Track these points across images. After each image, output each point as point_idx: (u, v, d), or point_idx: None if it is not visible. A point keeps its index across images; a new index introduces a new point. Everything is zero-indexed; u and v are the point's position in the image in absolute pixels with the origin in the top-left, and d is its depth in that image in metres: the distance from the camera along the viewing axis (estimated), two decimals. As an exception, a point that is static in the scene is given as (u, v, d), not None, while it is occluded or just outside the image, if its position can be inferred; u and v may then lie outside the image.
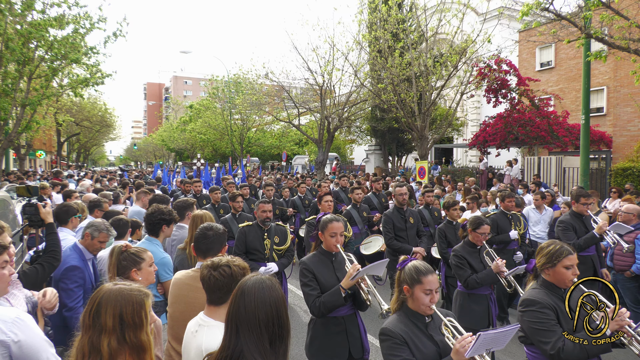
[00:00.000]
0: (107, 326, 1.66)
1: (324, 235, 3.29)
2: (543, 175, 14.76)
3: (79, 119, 37.09)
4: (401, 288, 2.50)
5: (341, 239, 3.26)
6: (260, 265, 4.70)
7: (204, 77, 60.69)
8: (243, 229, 4.95)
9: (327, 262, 3.31)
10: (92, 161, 79.22)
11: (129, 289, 1.76)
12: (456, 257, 4.28)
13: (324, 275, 3.23)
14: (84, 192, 9.90)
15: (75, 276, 3.36)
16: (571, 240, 5.15)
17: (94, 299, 1.72)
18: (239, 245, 4.84)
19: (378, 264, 3.17)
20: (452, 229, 5.87)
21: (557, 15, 8.23)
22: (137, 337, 1.69)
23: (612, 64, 16.81)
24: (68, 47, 14.56)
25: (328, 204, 5.78)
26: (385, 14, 16.30)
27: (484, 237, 4.27)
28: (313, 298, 3.14)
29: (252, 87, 25.38)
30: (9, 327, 1.97)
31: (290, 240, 5.15)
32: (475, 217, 4.40)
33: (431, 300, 2.39)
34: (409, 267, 2.50)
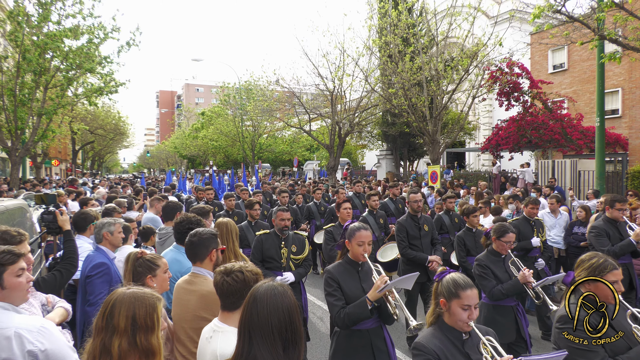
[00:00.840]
0: (120, 327, 1.69)
1: (350, 243, 3.15)
2: (558, 179, 14.56)
3: (93, 127, 37.67)
4: (438, 301, 2.38)
5: (369, 248, 3.13)
6: (277, 275, 4.62)
7: (215, 85, 61.25)
8: (260, 237, 4.86)
9: (352, 272, 3.18)
10: (106, 169, 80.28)
11: (142, 292, 1.80)
12: (480, 266, 4.07)
13: (349, 285, 3.11)
14: (99, 199, 10.04)
15: (102, 272, 3.40)
16: (605, 246, 4.99)
17: (108, 301, 1.75)
18: (255, 253, 4.76)
19: (408, 277, 3.02)
20: (471, 237, 5.71)
21: (569, 17, 8.17)
22: (148, 341, 1.72)
23: (626, 65, 16.58)
24: (83, 57, 14.86)
25: (347, 212, 5.55)
26: (395, 19, 16.32)
27: (509, 245, 4.08)
28: (337, 309, 3.01)
29: (263, 93, 25.57)
30: (35, 337, 2.00)
31: (309, 250, 5.03)
32: (499, 225, 4.20)
33: (469, 317, 2.26)
34: (447, 280, 2.38)
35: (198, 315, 2.60)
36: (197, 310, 2.64)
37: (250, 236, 6.03)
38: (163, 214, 5.11)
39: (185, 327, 2.66)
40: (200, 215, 4.72)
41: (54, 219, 3.70)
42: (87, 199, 7.06)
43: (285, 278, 4.58)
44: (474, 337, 2.32)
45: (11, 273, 2.19)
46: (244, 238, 5.93)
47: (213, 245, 2.93)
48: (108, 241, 3.69)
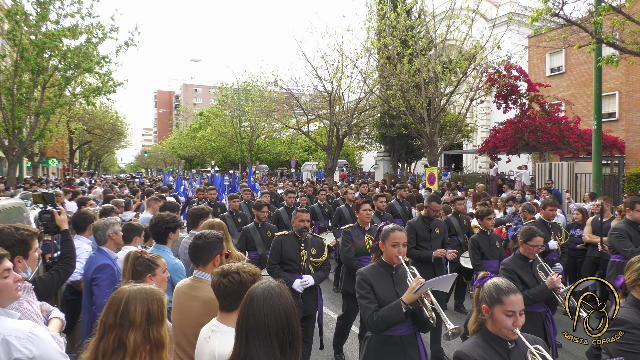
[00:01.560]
0: (136, 322, 1.72)
1: (384, 245, 3.05)
2: (555, 182, 14.61)
3: (90, 127, 37.63)
4: (480, 307, 2.26)
5: (404, 250, 3.03)
6: (296, 277, 4.48)
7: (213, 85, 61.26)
8: (279, 238, 4.71)
9: (386, 276, 3.06)
10: (103, 168, 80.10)
11: (150, 288, 1.85)
12: (506, 271, 3.90)
13: (382, 289, 2.99)
14: (96, 199, 10.01)
15: (106, 273, 3.40)
16: (628, 248, 4.91)
17: (119, 299, 1.77)
18: (274, 254, 4.61)
19: (445, 278, 2.88)
20: (486, 240, 5.59)
21: (567, 20, 8.21)
22: (159, 333, 1.77)
23: (623, 68, 16.66)
24: (81, 56, 14.84)
25: (367, 213, 5.24)
26: (394, 21, 16.36)
27: (537, 249, 3.92)
28: (370, 312, 2.88)
29: (261, 94, 25.58)
30: (23, 344, 1.94)
31: (327, 253, 4.86)
32: (527, 228, 4.06)
33: (514, 324, 2.14)
34: (489, 285, 2.26)
35: (201, 322, 2.49)
36: (200, 317, 2.57)
37: (256, 238, 5.86)
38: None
39: (187, 333, 2.61)
40: (199, 217, 4.70)
41: (51, 218, 3.69)
42: (86, 198, 7.05)
43: (305, 281, 4.46)
44: (521, 346, 2.19)
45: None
46: (250, 240, 5.84)
47: (218, 250, 2.86)
48: (113, 241, 3.69)
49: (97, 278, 3.37)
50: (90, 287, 3.44)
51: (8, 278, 2.14)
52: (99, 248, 3.66)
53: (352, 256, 4.95)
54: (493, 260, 5.51)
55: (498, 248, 5.58)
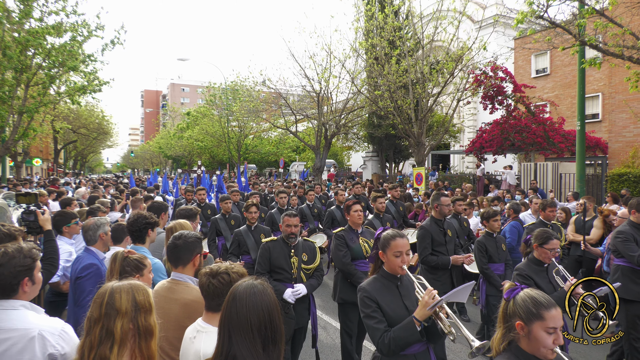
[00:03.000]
0: (122, 309, 1.73)
1: (385, 254, 2.76)
2: (540, 181, 14.82)
3: (76, 127, 37.10)
4: (511, 324, 2.01)
5: (407, 259, 2.74)
6: (287, 287, 4.18)
7: (201, 85, 60.85)
8: (267, 244, 4.36)
9: (391, 288, 2.76)
10: (88, 168, 79.07)
11: (135, 281, 1.87)
12: (521, 276, 3.69)
13: (389, 304, 2.69)
14: (80, 199, 9.88)
15: (92, 273, 3.35)
16: (635, 252, 4.74)
17: (102, 293, 1.78)
18: (262, 263, 4.27)
19: (462, 289, 2.60)
20: (492, 242, 5.34)
21: (551, 23, 8.32)
22: (148, 321, 1.77)
23: (606, 70, 16.96)
24: (66, 54, 14.63)
25: (358, 215, 4.91)
26: (381, 22, 16.43)
27: (553, 253, 3.72)
28: (380, 333, 2.57)
29: (249, 94, 25.48)
30: (56, 340, 1.98)
31: (320, 258, 4.56)
32: (542, 231, 3.87)
33: (555, 342, 1.93)
34: (524, 298, 2.00)
35: (182, 325, 2.45)
36: (180, 320, 2.54)
37: (249, 242, 5.57)
38: None
39: (168, 335, 2.57)
40: (187, 218, 4.63)
41: (35, 218, 3.64)
42: (69, 199, 6.95)
43: (297, 290, 4.17)
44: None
45: (38, 269, 2.17)
46: (242, 244, 5.59)
47: (198, 250, 2.83)
48: (103, 241, 3.65)
49: (81, 277, 3.33)
50: (75, 286, 3.40)
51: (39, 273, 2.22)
52: (87, 248, 3.61)
53: (349, 261, 4.68)
54: (500, 263, 5.31)
55: (504, 251, 5.40)
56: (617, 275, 4.97)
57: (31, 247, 2.23)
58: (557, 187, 14.73)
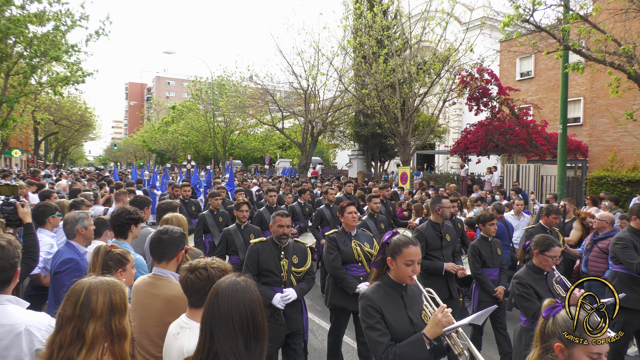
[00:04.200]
0: (97, 312, 1.67)
1: (395, 261, 2.54)
2: (522, 183, 15.06)
3: (57, 118, 36.41)
4: (549, 345, 1.81)
5: (418, 268, 2.54)
6: (277, 291, 3.98)
7: (187, 78, 60.20)
8: (255, 246, 4.13)
9: (395, 298, 2.57)
10: (70, 161, 77.65)
11: (111, 279, 1.80)
12: (521, 285, 3.50)
13: (393, 314, 2.50)
14: (60, 192, 9.70)
15: (70, 268, 3.30)
16: (635, 260, 4.62)
17: (79, 290, 1.72)
18: (250, 265, 4.05)
19: (482, 313, 2.41)
20: (487, 246, 5.14)
21: (536, 27, 8.45)
22: (122, 324, 1.72)
23: (588, 75, 17.29)
24: (48, 44, 14.31)
25: (352, 217, 4.72)
26: (370, 21, 16.47)
27: (554, 261, 3.55)
28: (384, 347, 2.37)
29: (236, 89, 25.32)
30: (43, 335, 1.94)
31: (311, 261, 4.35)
32: (542, 237, 3.69)
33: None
34: (565, 318, 1.79)
35: (164, 321, 2.40)
36: (162, 316, 2.51)
37: (238, 242, 5.39)
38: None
39: (149, 332, 2.54)
40: (168, 211, 4.61)
41: (14, 210, 3.57)
42: (49, 191, 6.83)
43: (287, 295, 3.96)
44: None
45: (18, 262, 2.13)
46: (231, 244, 5.42)
47: (182, 246, 2.82)
48: (82, 236, 3.58)
49: (60, 272, 3.28)
50: (54, 281, 3.35)
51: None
52: (68, 242, 3.56)
53: (339, 265, 4.52)
54: (494, 268, 5.13)
55: (500, 255, 5.21)
56: (615, 282, 4.86)
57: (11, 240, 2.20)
58: (538, 188, 14.99)
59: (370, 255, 4.65)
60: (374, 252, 4.68)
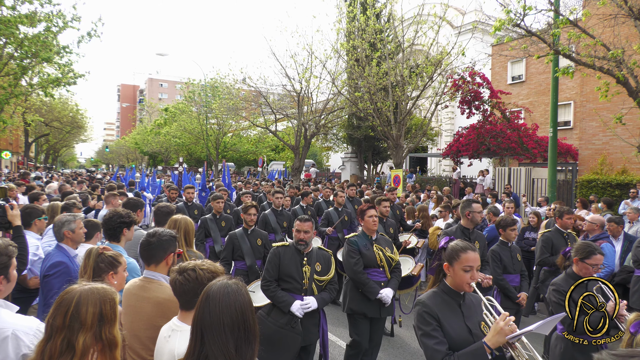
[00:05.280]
0: (87, 324, 1.66)
1: (452, 268, 2.47)
2: (513, 186, 15.17)
3: (48, 120, 36.09)
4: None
5: (477, 275, 2.45)
6: (297, 298, 3.81)
7: (180, 80, 59.98)
8: (277, 249, 3.99)
9: (453, 306, 2.46)
10: (61, 163, 76.96)
11: (102, 287, 1.78)
12: (558, 292, 3.35)
13: (450, 323, 2.39)
14: (51, 194, 9.62)
15: (59, 271, 3.27)
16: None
17: (69, 299, 1.71)
18: (271, 269, 3.89)
19: (549, 321, 2.29)
20: (507, 251, 4.98)
21: (527, 31, 8.53)
22: (112, 333, 1.72)
23: (578, 79, 17.48)
24: (39, 45, 14.19)
25: (373, 220, 4.53)
26: (363, 24, 16.54)
27: (596, 269, 3.44)
28: (442, 356, 2.27)
29: (229, 91, 25.26)
30: (31, 340, 1.92)
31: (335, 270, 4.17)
32: (584, 244, 3.55)
33: None
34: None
35: (155, 325, 2.40)
36: (153, 319, 2.50)
37: (245, 246, 5.19)
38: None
39: (140, 335, 2.54)
40: (167, 215, 4.49)
41: (3, 213, 3.53)
42: (38, 194, 6.76)
43: (307, 303, 3.78)
44: None
45: (14, 266, 2.10)
46: (237, 248, 5.20)
47: (171, 249, 2.80)
48: (69, 239, 3.55)
49: (49, 275, 3.25)
50: (43, 284, 3.32)
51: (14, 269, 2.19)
52: (58, 244, 3.54)
53: (361, 269, 4.36)
54: (515, 274, 4.97)
55: (520, 261, 5.08)
56: (637, 287, 4.73)
57: (7, 244, 2.18)
58: (529, 191, 15.11)
59: (392, 260, 4.52)
60: (395, 258, 4.59)
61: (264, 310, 3.91)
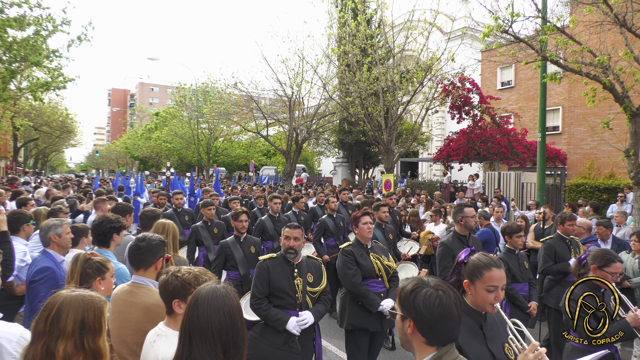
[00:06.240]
0: (67, 331, 1.63)
1: (474, 285, 2.19)
2: (503, 190, 15.31)
3: (37, 124, 35.75)
4: None
5: (501, 295, 2.17)
6: (291, 314, 3.53)
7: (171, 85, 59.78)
8: (265, 263, 3.68)
9: (474, 328, 2.18)
10: (50, 168, 76.15)
11: (89, 295, 1.75)
12: (575, 302, 3.19)
13: (471, 348, 2.12)
14: (39, 199, 9.52)
15: (46, 277, 3.23)
16: None
17: (52, 304, 1.69)
18: (260, 285, 3.58)
19: (592, 358, 2.10)
20: (515, 259, 4.77)
21: (515, 37, 8.63)
22: (96, 343, 1.68)
23: (566, 85, 17.72)
24: (28, 49, 14.08)
25: (368, 228, 4.29)
26: (354, 29, 16.63)
27: (615, 277, 3.30)
28: None
29: (220, 96, 25.23)
30: (14, 347, 1.90)
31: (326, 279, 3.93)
32: (601, 252, 3.43)
33: None
34: None
35: (143, 330, 2.37)
36: (141, 324, 2.47)
37: (238, 255, 4.93)
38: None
39: (128, 340, 2.51)
40: (152, 220, 4.47)
41: (-11, 219, 3.49)
42: (26, 199, 6.69)
43: (304, 319, 3.51)
44: None
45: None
46: (230, 257, 4.95)
47: (161, 253, 2.78)
48: (56, 244, 3.51)
49: (35, 281, 3.21)
50: (29, 290, 3.28)
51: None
52: (45, 250, 3.50)
53: (359, 281, 4.10)
54: (524, 283, 4.72)
55: (527, 269, 4.86)
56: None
57: None
58: (519, 195, 15.25)
59: (390, 268, 4.30)
60: (393, 266, 4.37)
61: (256, 331, 3.62)
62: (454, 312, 1.67)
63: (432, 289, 1.69)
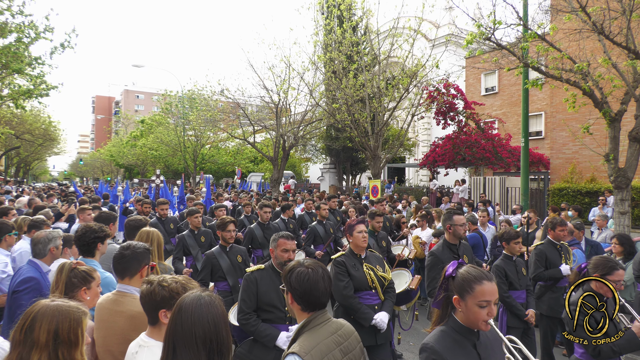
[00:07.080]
0: (40, 342, 1.61)
1: (464, 301, 2.04)
2: (488, 195, 15.48)
3: (19, 132, 35.14)
4: None
5: (494, 310, 2.03)
6: (281, 329, 3.35)
7: (157, 92, 59.39)
8: (252, 275, 3.50)
9: (467, 347, 2.04)
10: (32, 176, 74.84)
11: (67, 306, 1.73)
12: (575, 305, 3.10)
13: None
14: (21, 209, 9.36)
15: (30, 287, 3.19)
16: None
17: (29, 313, 1.67)
18: (247, 299, 3.41)
19: None
20: (512, 266, 4.64)
21: (497, 44, 8.78)
22: (71, 356, 1.66)
23: (548, 91, 18.06)
24: (10, 56, 13.87)
25: (363, 237, 4.12)
26: (340, 37, 16.76)
27: (618, 286, 3.20)
28: None
29: (206, 103, 25.14)
30: None
31: None
32: (604, 260, 3.36)
33: None
34: None
35: (128, 339, 2.34)
36: (126, 333, 2.45)
37: (224, 264, 4.81)
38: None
39: (113, 350, 2.48)
40: (137, 229, 4.40)
41: (-32, 229, 3.43)
42: (7, 208, 6.57)
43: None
44: None
45: None
46: (216, 268, 4.82)
47: (146, 261, 2.77)
48: (53, 255, 3.50)
49: (18, 291, 3.17)
50: (12, 300, 3.23)
51: None
52: (31, 260, 3.46)
53: (351, 293, 3.92)
54: (521, 290, 4.62)
55: (525, 276, 4.73)
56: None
57: None
58: (504, 200, 15.43)
59: (384, 279, 4.13)
60: (388, 277, 4.19)
61: (244, 348, 3.48)
62: (320, 284, 2.07)
63: (305, 267, 2.11)
